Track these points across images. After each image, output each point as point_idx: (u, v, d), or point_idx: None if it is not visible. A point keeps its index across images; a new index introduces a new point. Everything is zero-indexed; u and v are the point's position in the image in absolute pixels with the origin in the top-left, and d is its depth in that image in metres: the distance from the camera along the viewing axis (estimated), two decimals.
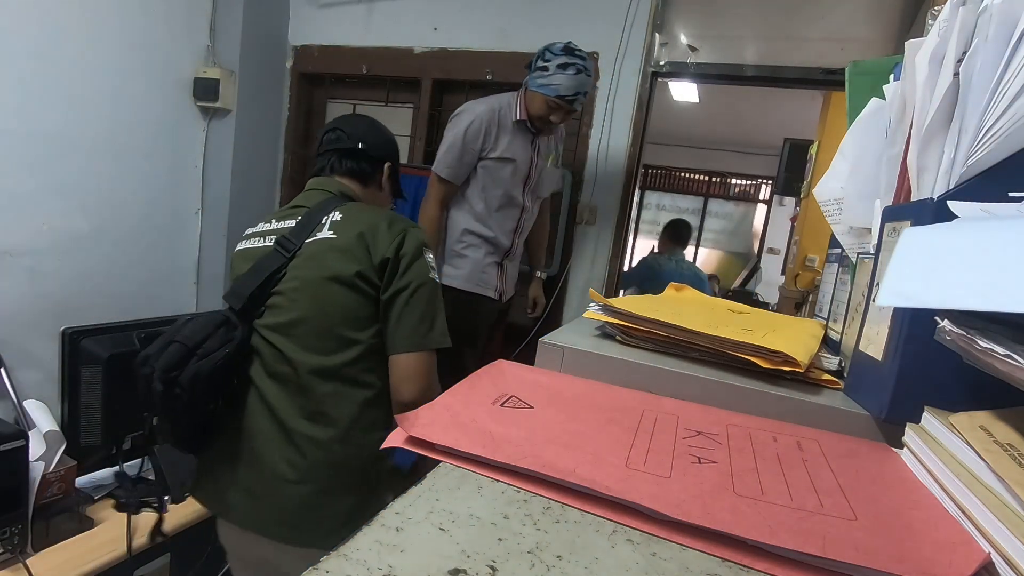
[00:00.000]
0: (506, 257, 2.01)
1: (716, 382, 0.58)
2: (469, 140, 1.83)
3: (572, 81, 1.73)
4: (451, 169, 1.86)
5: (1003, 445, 0.35)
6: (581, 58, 1.76)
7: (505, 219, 1.96)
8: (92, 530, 1.20)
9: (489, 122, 1.84)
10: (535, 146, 1.94)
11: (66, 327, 1.24)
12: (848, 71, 0.91)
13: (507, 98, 1.89)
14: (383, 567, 0.31)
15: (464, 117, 1.85)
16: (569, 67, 1.74)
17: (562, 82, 1.74)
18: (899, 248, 0.36)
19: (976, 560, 0.31)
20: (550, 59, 1.76)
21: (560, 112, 1.81)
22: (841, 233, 0.79)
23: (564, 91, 1.74)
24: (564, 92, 1.74)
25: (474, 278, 1.93)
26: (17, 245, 2.04)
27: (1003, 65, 0.43)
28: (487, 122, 1.83)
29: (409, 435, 0.45)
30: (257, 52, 2.64)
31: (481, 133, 1.83)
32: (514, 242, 2.00)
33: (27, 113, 2.00)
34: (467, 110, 1.86)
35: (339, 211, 1.13)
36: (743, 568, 0.34)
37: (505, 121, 1.87)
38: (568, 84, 1.74)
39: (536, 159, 1.95)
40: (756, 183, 6.52)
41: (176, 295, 2.64)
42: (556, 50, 1.76)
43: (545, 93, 1.77)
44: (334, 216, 1.12)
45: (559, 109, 1.79)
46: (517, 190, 1.93)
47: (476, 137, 1.83)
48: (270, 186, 2.88)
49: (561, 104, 1.78)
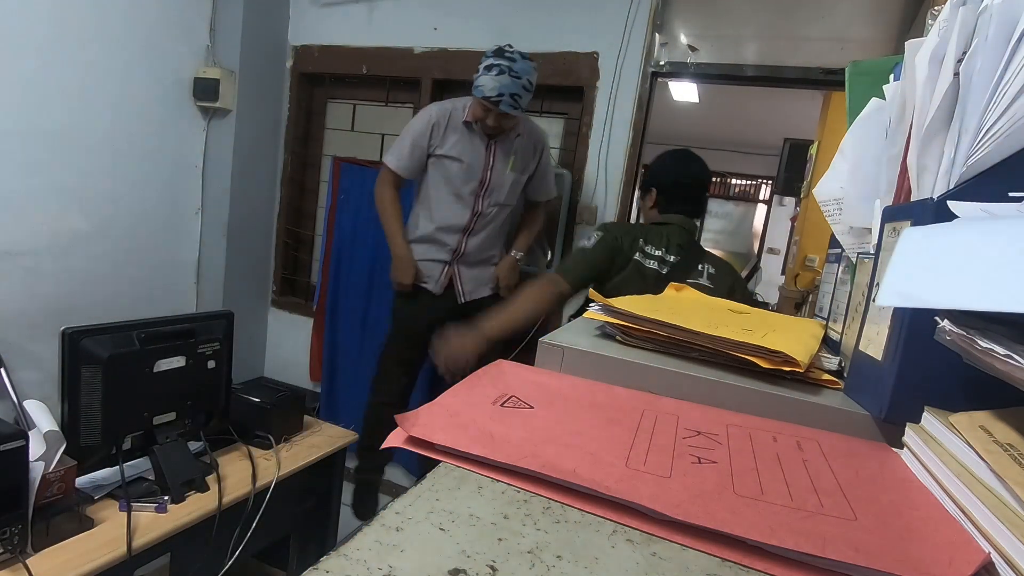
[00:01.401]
0: (456, 257, 2.03)
1: (716, 382, 0.58)
2: (417, 135, 1.92)
3: (494, 82, 1.73)
4: (398, 160, 1.95)
5: (1003, 445, 0.35)
6: (510, 59, 1.75)
7: (452, 217, 1.99)
8: (92, 530, 1.20)
9: (439, 120, 1.91)
10: (491, 150, 1.96)
11: (66, 327, 1.24)
12: (848, 71, 0.91)
13: (463, 100, 1.95)
14: (383, 567, 0.31)
15: (419, 114, 1.95)
16: (493, 68, 1.75)
17: (486, 83, 1.75)
18: (899, 248, 0.36)
19: (976, 560, 0.31)
20: (483, 62, 1.79)
21: (491, 114, 1.81)
22: (841, 233, 0.79)
23: (488, 92, 1.75)
24: (488, 93, 1.75)
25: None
26: (17, 245, 2.04)
27: (1003, 65, 0.43)
28: (437, 119, 1.90)
29: (409, 435, 0.45)
30: (257, 52, 2.64)
31: (429, 129, 1.90)
32: (462, 243, 2.02)
33: (27, 113, 2.00)
34: (424, 108, 1.96)
35: (711, 264, 1.61)
36: (743, 568, 0.34)
37: (456, 121, 1.93)
38: (491, 85, 1.74)
39: (492, 163, 1.96)
40: (756, 183, 6.52)
41: (176, 295, 2.64)
42: (489, 52, 1.79)
43: (474, 95, 1.80)
44: (709, 268, 1.60)
45: (488, 111, 1.80)
46: (467, 191, 1.97)
47: (424, 133, 1.91)
48: (270, 186, 2.88)
49: (487, 105, 1.78)
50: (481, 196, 1.98)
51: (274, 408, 1.66)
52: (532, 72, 1.80)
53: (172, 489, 1.33)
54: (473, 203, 1.98)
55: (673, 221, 1.65)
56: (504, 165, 1.97)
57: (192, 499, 1.35)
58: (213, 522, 1.33)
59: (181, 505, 1.32)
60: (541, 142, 2.07)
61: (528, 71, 1.78)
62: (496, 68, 1.74)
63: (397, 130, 2.77)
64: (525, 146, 2.01)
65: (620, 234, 1.62)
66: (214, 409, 1.53)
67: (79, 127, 2.15)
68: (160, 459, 1.36)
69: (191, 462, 1.42)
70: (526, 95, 1.80)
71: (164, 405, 1.39)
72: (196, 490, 1.38)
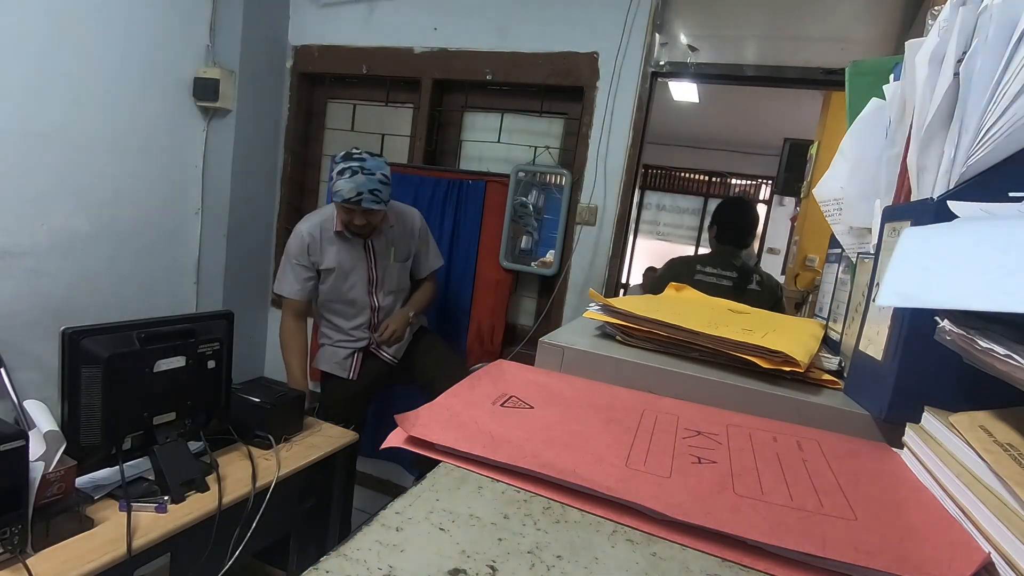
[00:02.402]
0: (370, 345, 2.10)
1: (716, 382, 0.58)
2: (296, 258, 1.96)
3: (350, 184, 1.78)
4: (290, 288, 1.98)
5: (1003, 445, 0.35)
6: (359, 160, 1.80)
7: (355, 320, 2.06)
8: (92, 530, 1.20)
9: (312, 237, 1.94)
10: (369, 249, 2.01)
11: (66, 327, 1.24)
12: (848, 71, 0.91)
13: (329, 211, 1.98)
14: (383, 567, 0.31)
15: (291, 238, 1.98)
16: (345, 171, 1.79)
17: (342, 187, 1.79)
18: (899, 248, 0.36)
19: (976, 560, 0.31)
20: (333, 168, 1.85)
21: (357, 214, 1.85)
22: (841, 233, 0.79)
23: (346, 194, 1.79)
24: (347, 195, 1.79)
25: (328, 362, 2.10)
26: (17, 245, 2.03)
27: (1003, 65, 0.43)
28: (310, 238, 1.94)
29: (409, 435, 0.45)
30: (257, 52, 2.64)
31: (305, 248, 1.94)
32: (371, 337, 2.08)
33: (27, 113, 2.00)
34: (293, 231, 1.98)
35: (759, 276, 2.18)
36: (743, 568, 0.34)
37: (328, 233, 1.96)
38: (347, 187, 1.78)
39: (374, 260, 2.02)
40: (756, 183, 6.52)
41: (176, 295, 2.64)
42: (338, 159, 1.85)
43: (336, 200, 1.84)
44: (757, 278, 2.17)
45: (353, 211, 1.85)
46: (360, 293, 2.02)
47: (302, 253, 1.95)
48: (270, 186, 2.88)
49: (350, 207, 1.83)
50: (374, 294, 2.05)
51: (274, 408, 1.66)
52: (384, 166, 1.86)
53: (172, 489, 1.33)
54: (369, 301, 2.05)
55: (725, 250, 2.22)
56: (386, 259, 2.04)
57: (192, 499, 1.35)
58: (213, 522, 1.33)
59: (181, 505, 1.32)
60: (415, 223, 2.11)
61: (380, 166, 1.83)
62: (348, 171, 1.79)
63: (397, 130, 2.78)
64: (400, 233, 2.06)
65: (679, 267, 2.26)
66: (214, 409, 1.53)
67: (79, 127, 2.15)
68: (160, 459, 1.35)
69: (191, 462, 1.42)
70: (385, 188, 1.85)
71: (164, 405, 1.39)
72: (196, 490, 1.38)
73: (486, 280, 2.48)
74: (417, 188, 2.52)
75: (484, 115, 2.61)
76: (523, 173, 2.39)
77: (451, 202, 2.49)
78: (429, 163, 2.61)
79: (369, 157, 1.83)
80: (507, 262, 2.42)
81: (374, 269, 2.02)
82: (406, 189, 2.53)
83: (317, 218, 1.99)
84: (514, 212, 2.40)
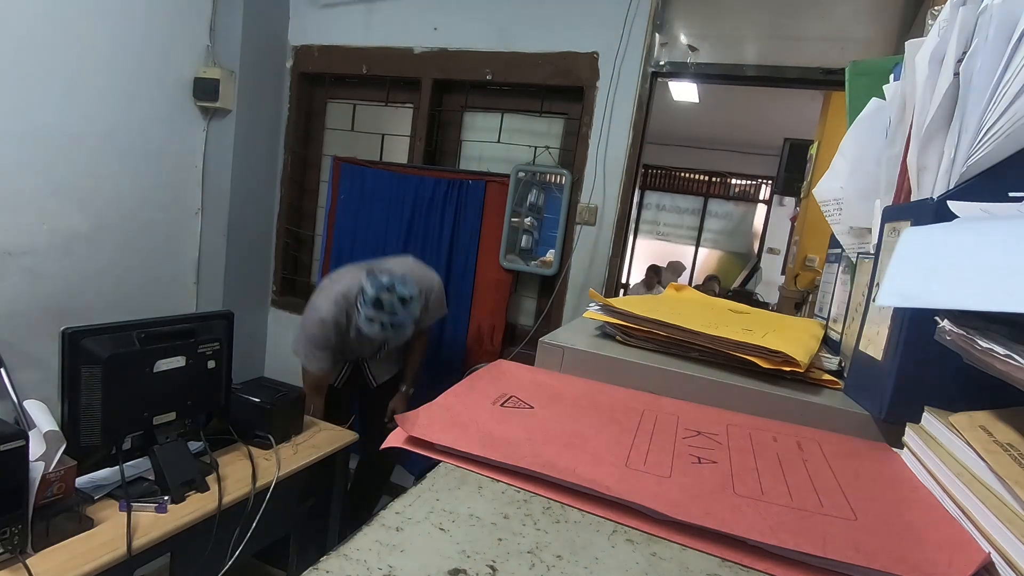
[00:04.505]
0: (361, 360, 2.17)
1: (716, 382, 0.58)
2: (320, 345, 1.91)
3: (380, 334, 1.80)
4: (319, 365, 1.95)
5: (1003, 445, 0.35)
6: (390, 313, 1.76)
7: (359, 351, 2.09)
8: (92, 530, 1.20)
9: (336, 324, 1.89)
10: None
11: (66, 327, 1.24)
12: (848, 71, 0.91)
13: (356, 286, 1.87)
14: (383, 567, 0.31)
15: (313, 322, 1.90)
16: (374, 322, 1.78)
17: (369, 331, 1.80)
18: (899, 248, 0.36)
19: (976, 560, 0.31)
20: (362, 304, 1.79)
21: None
22: (841, 233, 0.79)
23: (373, 336, 1.81)
24: (374, 337, 1.82)
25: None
26: (17, 245, 2.03)
27: (1003, 65, 0.43)
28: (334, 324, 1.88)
29: (409, 435, 0.45)
30: (257, 52, 2.64)
31: (329, 336, 1.90)
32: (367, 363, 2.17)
33: (27, 113, 2.00)
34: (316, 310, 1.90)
35: None
36: (743, 568, 0.34)
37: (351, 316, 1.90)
38: (375, 333, 1.80)
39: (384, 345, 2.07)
40: (756, 183, 6.52)
41: (176, 295, 2.64)
42: (367, 299, 1.77)
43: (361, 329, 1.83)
44: None
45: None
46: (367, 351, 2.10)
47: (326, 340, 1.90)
48: (270, 186, 2.88)
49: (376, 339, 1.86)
50: (368, 361, 2.16)
51: (274, 408, 1.66)
52: (416, 309, 1.83)
53: (172, 489, 1.33)
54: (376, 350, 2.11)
55: None
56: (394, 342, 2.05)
57: (192, 499, 1.35)
58: (213, 522, 1.33)
59: (181, 505, 1.32)
60: (430, 295, 2.03)
61: (412, 315, 1.82)
62: (378, 323, 1.78)
63: (397, 130, 2.78)
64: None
65: None
66: (214, 409, 1.53)
67: (79, 127, 2.15)
68: (160, 459, 1.35)
69: (191, 462, 1.42)
70: (413, 327, 1.87)
71: (164, 405, 1.39)
72: (196, 490, 1.38)
73: (486, 280, 2.48)
74: (417, 188, 2.52)
75: (484, 115, 2.61)
76: (523, 173, 2.39)
77: (451, 202, 2.49)
78: (429, 163, 2.61)
79: (401, 309, 1.77)
80: (507, 262, 2.42)
81: (380, 352, 2.11)
82: (406, 189, 2.54)
83: (343, 302, 1.88)
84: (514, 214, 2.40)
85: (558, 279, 2.37)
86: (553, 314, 2.40)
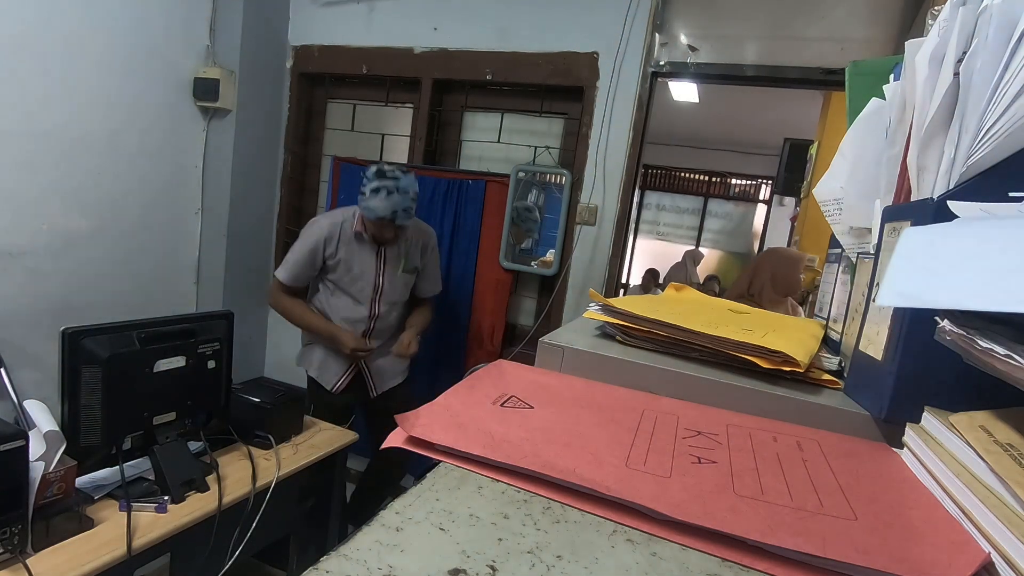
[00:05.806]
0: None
1: (716, 382, 0.58)
2: (311, 249, 1.98)
3: (385, 203, 1.83)
4: (290, 274, 2.01)
5: (1003, 445, 0.35)
6: (393, 178, 1.84)
7: (352, 315, 2.06)
8: (92, 530, 1.20)
9: (331, 233, 1.98)
10: (380, 256, 2.04)
11: (66, 327, 1.23)
12: (848, 71, 0.91)
13: (351, 210, 2.03)
14: (383, 567, 0.31)
15: (310, 228, 2.01)
16: (380, 190, 1.83)
17: (376, 206, 1.84)
18: (899, 248, 0.36)
19: (976, 560, 0.31)
20: (366, 183, 1.87)
21: (388, 229, 1.92)
22: (841, 233, 0.79)
23: (381, 212, 1.85)
24: (381, 214, 1.85)
25: (316, 368, 2.12)
26: (17, 245, 2.03)
27: (1003, 65, 0.43)
28: (329, 233, 1.98)
29: (409, 435, 0.45)
30: (257, 52, 2.64)
31: (322, 243, 1.98)
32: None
33: (27, 113, 2.00)
34: (314, 222, 2.03)
35: None
36: (743, 568, 0.34)
37: (346, 234, 2.00)
38: (382, 207, 1.84)
39: (383, 268, 2.05)
40: (756, 183, 6.52)
41: (176, 295, 2.64)
42: (370, 175, 1.87)
43: (366, 216, 1.90)
44: None
45: (385, 227, 1.91)
46: (364, 296, 2.05)
47: (318, 247, 1.98)
48: (270, 186, 2.88)
49: (383, 223, 1.89)
50: (376, 300, 2.08)
51: (274, 408, 1.66)
52: (415, 183, 1.91)
53: (172, 489, 1.33)
54: (370, 307, 2.07)
55: None
56: (395, 268, 2.08)
57: (192, 499, 1.35)
58: (213, 522, 1.33)
59: (181, 505, 1.32)
60: (430, 240, 2.16)
61: (412, 184, 1.88)
62: (383, 190, 1.83)
63: (397, 130, 2.78)
64: (414, 244, 2.10)
65: None
66: (214, 409, 1.53)
67: (79, 127, 2.15)
68: (160, 459, 1.35)
69: (191, 462, 1.42)
70: (415, 204, 1.92)
71: (164, 405, 1.39)
72: (196, 490, 1.38)
73: (486, 280, 2.48)
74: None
75: (484, 115, 2.61)
76: (523, 173, 2.39)
77: (451, 202, 2.49)
78: (429, 163, 2.62)
79: (402, 175, 1.86)
80: (507, 262, 2.42)
81: (381, 276, 2.05)
82: None
83: (339, 216, 2.02)
84: (515, 214, 2.40)
85: (558, 279, 2.37)
86: (553, 314, 2.41)
